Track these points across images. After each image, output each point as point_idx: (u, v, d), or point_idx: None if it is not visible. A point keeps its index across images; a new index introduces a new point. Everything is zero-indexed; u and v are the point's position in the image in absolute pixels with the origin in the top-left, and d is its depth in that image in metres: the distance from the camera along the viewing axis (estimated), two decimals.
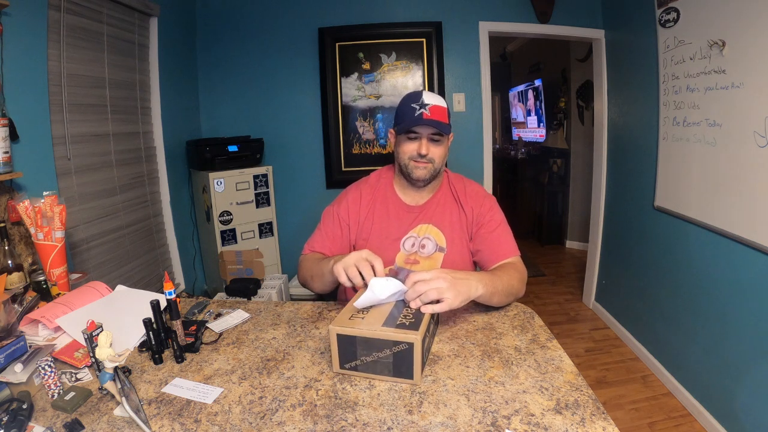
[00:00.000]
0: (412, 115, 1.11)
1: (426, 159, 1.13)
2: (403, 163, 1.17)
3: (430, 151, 1.12)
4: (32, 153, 1.51)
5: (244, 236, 2.64)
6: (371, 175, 1.32)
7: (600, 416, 0.66)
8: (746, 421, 1.64)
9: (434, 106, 1.11)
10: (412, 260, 1.18)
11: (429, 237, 1.18)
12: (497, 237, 1.17)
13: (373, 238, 1.20)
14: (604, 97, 2.82)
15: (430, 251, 1.18)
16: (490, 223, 1.19)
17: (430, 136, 1.12)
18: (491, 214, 1.20)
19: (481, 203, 1.21)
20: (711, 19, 1.75)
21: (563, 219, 4.49)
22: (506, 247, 1.16)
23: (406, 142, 1.14)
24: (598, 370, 2.34)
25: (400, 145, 1.17)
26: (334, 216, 1.24)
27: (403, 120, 1.13)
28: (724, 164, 1.73)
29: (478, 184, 1.29)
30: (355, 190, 1.27)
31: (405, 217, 1.21)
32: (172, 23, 2.49)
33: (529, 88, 4.97)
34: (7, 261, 1.16)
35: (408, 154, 1.14)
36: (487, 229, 1.18)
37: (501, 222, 1.20)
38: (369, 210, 1.23)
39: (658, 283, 2.25)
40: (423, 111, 1.10)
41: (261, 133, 2.80)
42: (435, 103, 1.12)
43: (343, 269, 0.93)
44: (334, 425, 0.67)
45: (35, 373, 0.81)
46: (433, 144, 1.13)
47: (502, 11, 2.73)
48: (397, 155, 1.19)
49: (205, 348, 0.94)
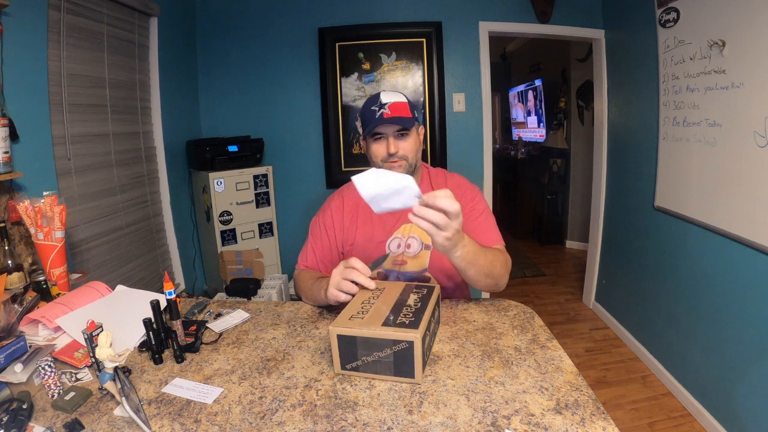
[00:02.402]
0: (373, 117, 1.11)
1: (398, 156, 1.12)
2: (377, 166, 1.15)
3: (400, 148, 1.12)
4: (32, 153, 1.51)
5: (244, 236, 2.64)
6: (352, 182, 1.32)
7: (600, 416, 0.66)
8: (746, 421, 1.64)
9: (393, 103, 1.12)
10: (400, 261, 1.17)
11: (414, 236, 1.17)
12: (479, 226, 1.16)
13: (358, 242, 1.20)
14: (604, 97, 2.82)
15: (416, 250, 1.17)
16: (471, 212, 1.17)
17: (395, 133, 1.12)
18: (473, 204, 1.19)
19: (462, 194, 1.19)
20: (711, 19, 1.75)
21: (563, 219, 4.49)
22: (488, 235, 1.15)
23: (374, 145, 1.14)
24: (598, 370, 2.34)
25: (369, 149, 1.17)
26: (320, 227, 1.25)
27: (365, 124, 1.14)
28: (724, 164, 1.73)
29: (460, 176, 1.28)
30: (338, 197, 1.28)
31: (388, 219, 1.19)
32: (172, 23, 2.49)
33: (529, 88, 4.97)
34: (7, 261, 1.16)
35: (380, 156, 1.14)
36: (468, 218, 1.16)
37: (483, 210, 1.19)
38: (352, 215, 1.23)
39: (658, 283, 2.25)
40: (383, 111, 1.11)
41: (261, 133, 2.80)
42: (393, 101, 1.12)
43: (337, 291, 0.94)
44: (334, 425, 0.67)
45: (35, 373, 0.81)
46: (400, 140, 1.13)
47: (502, 11, 2.73)
48: (370, 160, 1.19)
49: (205, 348, 0.94)
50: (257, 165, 2.69)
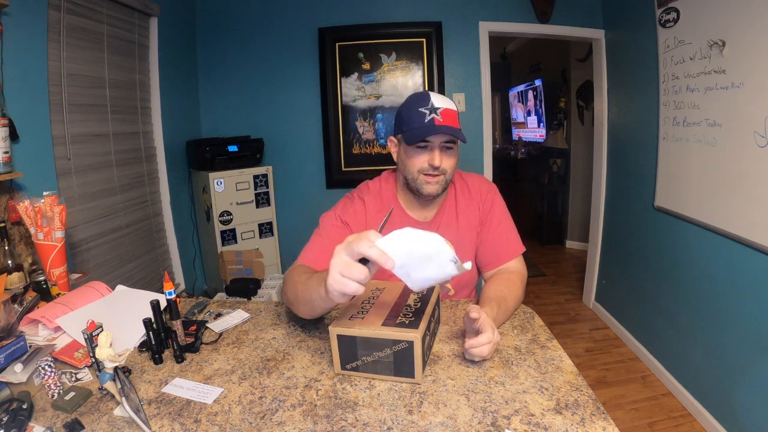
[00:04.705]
0: (422, 121, 0.97)
1: (439, 171, 1.00)
2: (411, 176, 1.03)
3: (443, 162, 0.99)
4: (32, 153, 1.51)
5: (244, 236, 2.64)
6: (370, 185, 1.17)
7: (600, 416, 0.66)
8: (746, 421, 1.64)
9: (446, 110, 0.98)
10: None
11: None
12: (498, 236, 1.12)
13: None
14: (604, 97, 2.82)
15: None
16: (490, 221, 1.13)
17: (443, 144, 0.99)
18: (493, 210, 1.14)
19: (484, 198, 1.14)
20: (711, 19, 1.75)
21: (563, 219, 4.49)
22: (507, 247, 1.12)
23: (416, 153, 1.00)
24: (598, 370, 2.34)
25: (407, 155, 1.02)
26: (338, 221, 1.08)
27: (410, 127, 1.00)
28: (724, 164, 1.73)
29: (475, 176, 1.21)
30: (359, 200, 1.12)
31: None
32: (172, 23, 2.49)
33: (529, 88, 4.97)
34: (7, 261, 1.16)
35: (418, 166, 1.00)
36: (487, 227, 1.13)
37: (501, 215, 1.14)
38: (376, 224, 1.08)
39: (658, 283, 2.25)
40: (434, 116, 0.97)
41: (261, 133, 2.80)
42: (446, 107, 0.99)
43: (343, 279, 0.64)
44: (334, 425, 0.67)
45: (35, 373, 0.81)
46: (446, 154, 1.00)
47: (502, 11, 2.73)
48: (404, 167, 1.04)
49: (205, 348, 0.94)
50: (257, 165, 2.69)
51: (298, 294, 0.87)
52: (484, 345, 0.78)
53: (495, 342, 0.79)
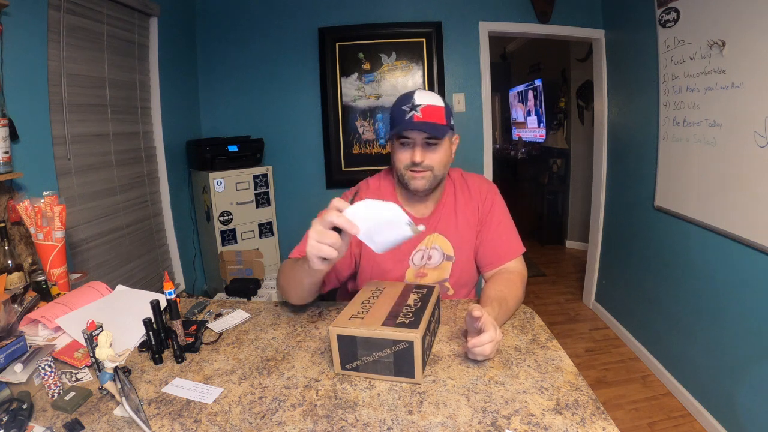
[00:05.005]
0: (402, 118, 1.00)
1: (422, 167, 1.01)
2: (400, 173, 1.06)
3: (426, 158, 1.01)
4: (32, 153, 1.51)
5: (244, 236, 2.64)
6: (370, 182, 1.20)
7: (600, 416, 0.66)
8: (746, 421, 1.64)
9: (427, 106, 1.00)
10: (422, 273, 1.12)
11: (436, 247, 1.11)
12: (498, 236, 1.12)
13: (380, 254, 1.14)
14: (604, 97, 2.82)
15: (438, 261, 1.12)
16: (489, 221, 1.14)
17: (424, 140, 1.00)
18: (493, 210, 1.14)
19: (484, 198, 1.15)
20: (711, 19, 1.75)
21: (563, 219, 4.49)
22: (507, 247, 1.12)
23: (400, 149, 1.03)
24: (598, 370, 2.34)
25: (394, 152, 1.06)
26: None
27: (394, 124, 1.03)
28: (724, 164, 1.73)
29: (476, 176, 1.22)
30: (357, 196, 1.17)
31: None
32: (172, 23, 2.49)
33: (529, 88, 4.97)
34: (7, 261, 1.16)
35: (403, 162, 1.03)
36: (487, 227, 1.13)
37: (502, 218, 1.15)
38: None
39: (658, 283, 2.25)
40: (414, 113, 0.99)
41: (261, 133, 2.80)
42: (428, 103, 1.00)
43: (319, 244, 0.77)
44: (334, 425, 0.67)
45: (35, 373, 0.81)
46: (428, 150, 1.01)
47: (502, 11, 2.73)
48: (393, 164, 1.08)
49: (205, 348, 0.94)
50: (257, 165, 2.69)
51: (288, 277, 0.99)
52: (486, 344, 0.78)
53: (497, 341, 0.80)
